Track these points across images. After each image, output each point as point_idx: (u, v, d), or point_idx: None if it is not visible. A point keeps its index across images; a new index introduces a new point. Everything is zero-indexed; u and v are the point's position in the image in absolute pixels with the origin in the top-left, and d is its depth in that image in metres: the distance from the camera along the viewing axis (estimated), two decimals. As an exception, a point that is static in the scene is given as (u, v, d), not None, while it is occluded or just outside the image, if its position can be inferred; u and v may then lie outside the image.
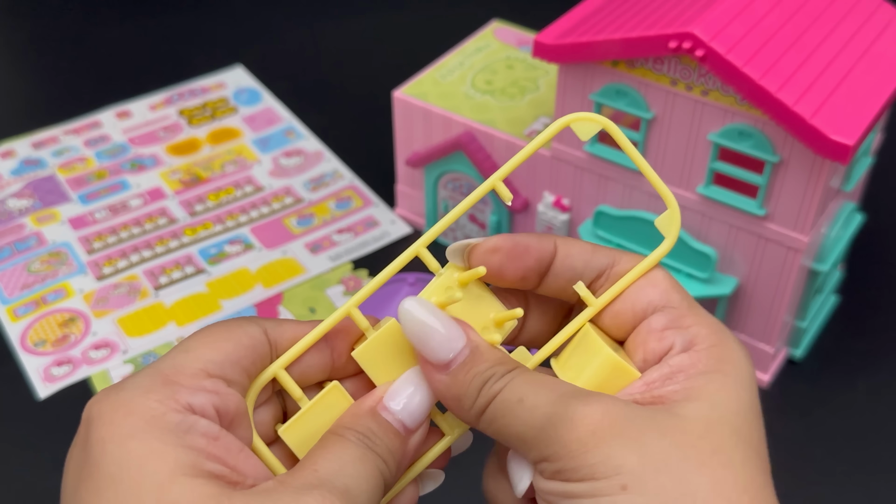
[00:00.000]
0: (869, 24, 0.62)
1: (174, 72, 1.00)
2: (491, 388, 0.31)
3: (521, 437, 0.30)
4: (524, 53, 0.79)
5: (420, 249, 0.33)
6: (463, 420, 0.32)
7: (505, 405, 0.30)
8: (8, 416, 0.65)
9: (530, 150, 0.32)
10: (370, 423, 0.31)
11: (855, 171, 0.63)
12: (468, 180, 0.74)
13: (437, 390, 0.31)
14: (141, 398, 0.28)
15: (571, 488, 0.28)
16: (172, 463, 0.27)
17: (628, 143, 0.32)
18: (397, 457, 0.31)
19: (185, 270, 0.76)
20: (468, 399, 0.31)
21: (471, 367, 0.31)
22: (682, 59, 0.57)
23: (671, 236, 0.33)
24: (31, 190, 0.85)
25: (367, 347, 0.33)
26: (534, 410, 0.30)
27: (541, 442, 0.29)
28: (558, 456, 0.29)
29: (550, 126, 0.32)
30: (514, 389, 0.30)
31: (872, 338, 0.71)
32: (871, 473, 0.62)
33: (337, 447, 0.31)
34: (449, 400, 0.31)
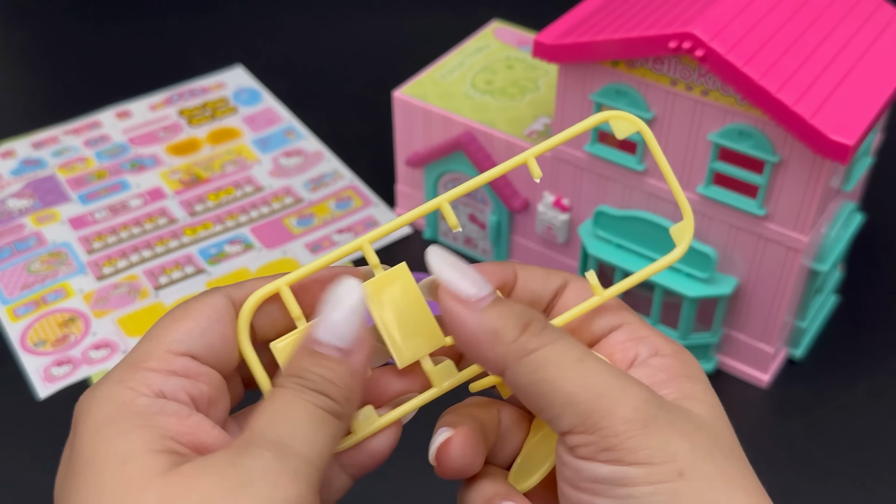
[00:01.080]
0: (869, 24, 0.62)
1: (174, 72, 1.00)
2: (542, 332, 0.29)
3: (573, 398, 0.28)
4: (524, 53, 0.79)
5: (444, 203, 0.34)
6: (493, 363, 0.30)
7: (563, 357, 0.29)
8: (8, 416, 0.65)
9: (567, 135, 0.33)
10: (302, 362, 0.30)
11: (855, 171, 0.63)
12: (468, 180, 0.74)
13: (469, 326, 0.30)
14: (113, 388, 0.29)
15: (625, 472, 0.27)
16: (137, 441, 0.28)
17: (658, 148, 0.34)
18: (342, 382, 0.30)
19: (185, 270, 0.76)
20: (508, 333, 0.29)
21: (505, 304, 0.30)
22: (682, 59, 0.57)
23: (683, 246, 0.34)
24: (31, 190, 0.85)
25: (374, 283, 0.33)
26: (597, 375, 0.28)
27: (594, 412, 0.28)
28: (614, 432, 0.27)
29: (590, 118, 0.33)
30: (574, 346, 0.29)
31: (872, 338, 0.71)
32: (871, 473, 0.62)
33: (272, 397, 0.30)
34: (483, 335, 0.29)
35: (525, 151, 0.33)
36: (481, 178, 0.33)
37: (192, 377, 0.30)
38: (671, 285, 0.63)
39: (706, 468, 0.28)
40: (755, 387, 0.67)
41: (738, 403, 0.66)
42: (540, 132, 0.70)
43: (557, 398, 0.28)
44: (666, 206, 0.64)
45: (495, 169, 0.33)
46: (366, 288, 0.32)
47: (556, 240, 0.71)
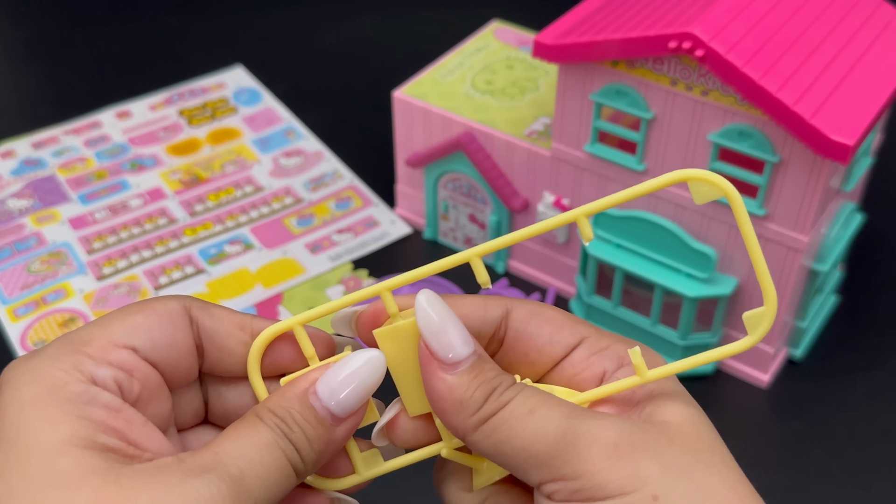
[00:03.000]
0: (869, 24, 0.62)
1: (174, 72, 1.00)
2: (501, 396, 0.29)
3: (530, 451, 0.28)
4: (524, 53, 0.79)
5: (473, 258, 0.31)
6: (454, 429, 0.30)
7: (514, 415, 0.29)
8: (8, 417, 0.65)
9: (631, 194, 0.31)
10: (293, 408, 0.30)
11: (855, 171, 0.63)
12: (468, 180, 0.74)
13: (437, 391, 0.30)
14: (47, 366, 0.28)
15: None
16: (66, 432, 0.26)
17: (748, 220, 0.29)
18: (318, 446, 0.30)
19: (185, 270, 0.76)
20: (472, 405, 0.29)
21: (478, 373, 0.30)
22: (682, 59, 0.57)
23: (756, 336, 0.30)
24: (31, 190, 0.85)
25: (391, 330, 0.31)
26: (547, 423, 0.28)
27: (555, 458, 0.28)
28: (578, 473, 0.27)
29: (664, 176, 0.29)
30: (525, 400, 0.29)
31: (872, 338, 0.71)
32: (871, 473, 0.62)
33: (248, 429, 0.29)
34: (448, 403, 0.29)
35: (574, 210, 0.31)
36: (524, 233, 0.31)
37: (126, 370, 0.29)
38: (671, 285, 0.63)
39: (681, 486, 0.27)
40: (755, 387, 0.67)
41: (738, 403, 0.66)
42: (540, 132, 0.70)
43: (518, 455, 0.28)
44: (666, 206, 0.64)
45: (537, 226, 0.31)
46: (383, 334, 0.32)
47: (556, 240, 0.71)
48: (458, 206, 0.76)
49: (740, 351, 0.30)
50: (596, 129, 0.64)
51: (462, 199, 0.75)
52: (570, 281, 0.73)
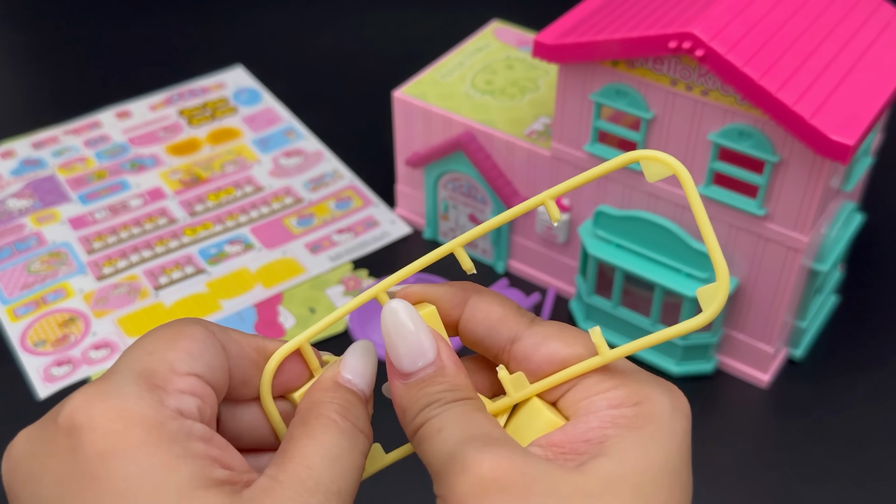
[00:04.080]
0: (869, 24, 0.62)
1: (174, 72, 1.00)
2: (430, 412, 0.31)
3: (431, 467, 0.30)
4: (524, 53, 0.79)
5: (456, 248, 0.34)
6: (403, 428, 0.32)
7: (428, 432, 0.30)
8: (8, 416, 0.65)
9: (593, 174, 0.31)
10: (346, 395, 0.32)
11: (855, 171, 0.63)
12: (468, 180, 0.74)
13: (392, 394, 0.32)
14: (135, 406, 0.27)
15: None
16: (186, 476, 0.26)
17: (697, 197, 0.29)
18: (364, 413, 0.32)
19: (185, 270, 0.76)
20: (410, 414, 0.31)
21: (424, 386, 0.31)
22: (682, 59, 0.57)
23: (711, 311, 0.29)
24: (31, 190, 0.85)
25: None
26: (442, 445, 0.29)
27: (439, 479, 0.29)
28: (446, 497, 0.28)
29: (619, 158, 0.30)
30: (443, 419, 0.30)
31: (872, 338, 0.71)
32: (870, 473, 0.62)
33: (323, 432, 0.30)
34: (396, 409, 0.32)
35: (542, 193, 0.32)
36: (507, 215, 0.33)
37: (199, 396, 0.29)
38: (671, 285, 0.63)
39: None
40: (755, 387, 0.67)
41: (738, 403, 0.66)
42: (540, 132, 0.70)
43: (428, 467, 0.30)
44: (666, 206, 0.64)
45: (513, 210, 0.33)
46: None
47: (555, 240, 0.71)
48: (458, 206, 0.76)
49: (695, 328, 0.29)
50: (596, 129, 0.64)
51: (462, 199, 0.75)
52: (570, 281, 0.73)
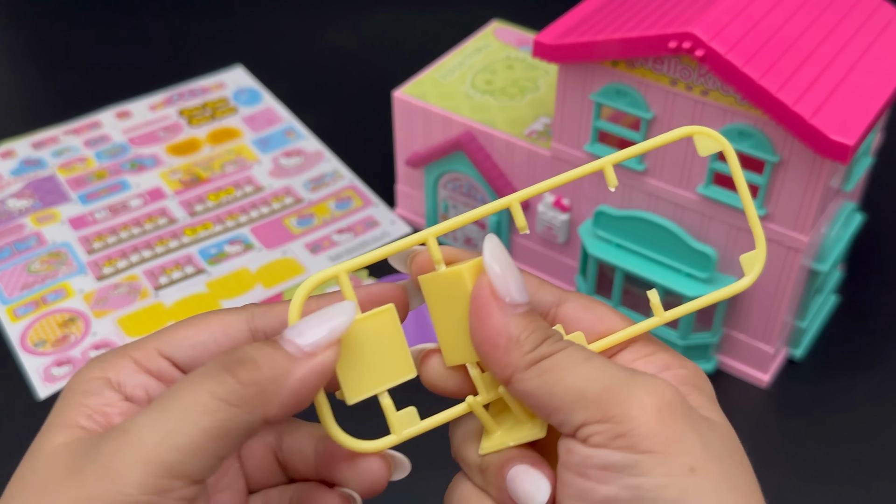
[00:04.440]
0: (869, 24, 0.62)
1: (174, 72, 1.00)
2: (556, 343, 0.29)
3: (582, 390, 0.28)
4: (524, 53, 0.79)
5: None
6: (502, 367, 0.29)
7: (570, 359, 0.29)
8: (8, 416, 0.65)
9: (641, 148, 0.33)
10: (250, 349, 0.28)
11: (855, 171, 0.63)
12: (468, 180, 0.74)
13: (493, 327, 0.29)
14: (93, 363, 0.31)
15: (636, 460, 0.27)
16: (56, 418, 0.30)
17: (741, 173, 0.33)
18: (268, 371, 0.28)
19: (185, 270, 0.76)
20: (528, 343, 0.29)
21: (534, 320, 0.30)
22: (682, 59, 0.57)
23: (753, 275, 0.33)
24: (31, 190, 0.85)
25: (435, 277, 0.32)
26: (603, 369, 0.28)
27: (608, 400, 0.27)
28: (628, 418, 0.27)
29: (675, 132, 0.32)
30: (581, 349, 0.29)
31: (872, 338, 0.71)
32: (870, 473, 0.62)
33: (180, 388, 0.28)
34: (504, 339, 0.29)
35: (601, 159, 0.32)
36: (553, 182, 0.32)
37: (163, 381, 0.31)
38: (671, 285, 0.63)
39: (715, 469, 0.27)
40: (755, 387, 0.67)
41: (738, 403, 0.66)
42: (540, 132, 0.70)
43: (567, 394, 0.28)
44: (666, 206, 0.64)
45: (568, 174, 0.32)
46: (427, 280, 0.32)
47: (556, 240, 0.71)
48: (458, 206, 0.76)
49: (741, 290, 0.32)
50: (596, 129, 0.64)
51: (462, 199, 0.75)
52: (570, 281, 0.73)
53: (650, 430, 0.27)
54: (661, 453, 0.27)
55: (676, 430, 0.27)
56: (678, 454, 0.27)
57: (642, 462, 0.27)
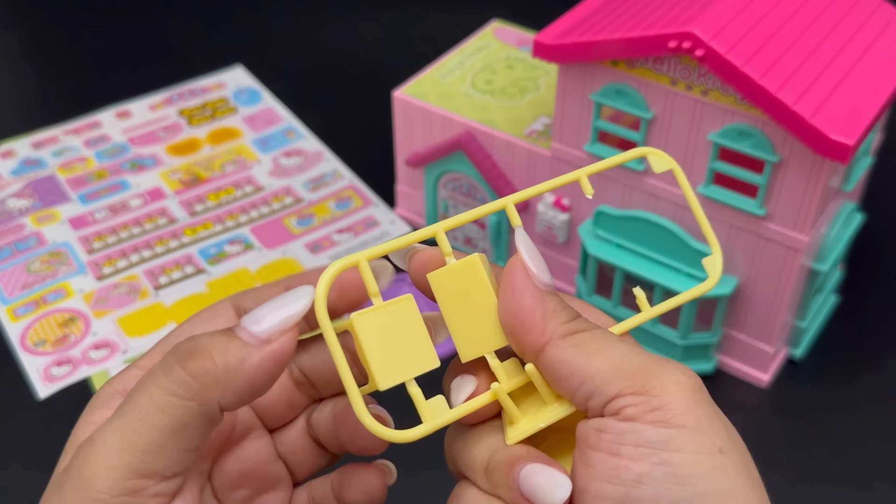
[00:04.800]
0: (869, 24, 0.62)
1: (174, 72, 1.00)
2: (588, 321, 0.30)
3: (619, 364, 0.28)
4: (524, 53, 0.79)
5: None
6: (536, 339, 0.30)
7: (605, 336, 0.30)
8: (8, 416, 0.65)
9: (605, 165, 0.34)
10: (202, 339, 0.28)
11: (855, 170, 0.63)
12: (468, 180, 0.74)
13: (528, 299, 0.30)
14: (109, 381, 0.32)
15: (671, 434, 0.27)
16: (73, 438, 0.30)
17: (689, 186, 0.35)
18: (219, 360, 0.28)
19: (185, 270, 0.76)
20: (563, 315, 0.30)
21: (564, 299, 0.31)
22: (681, 59, 0.57)
23: (714, 277, 0.34)
24: (31, 190, 0.85)
25: (444, 272, 0.32)
26: (638, 349, 0.29)
27: (645, 374, 0.28)
28: (665, 392, 0.27)
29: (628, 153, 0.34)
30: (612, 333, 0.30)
31: (872, 338, 0.71)
32: (871, 473, 0.62)
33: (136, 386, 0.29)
34: (540, 310, 0.30)
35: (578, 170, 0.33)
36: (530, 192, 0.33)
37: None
38: (671, 285, 0.63)
39: (739, 455, 0.28)
40: (755, 387, 0.67)
41: (738, 403, 0.66)
42: (540, 132, 0.70)
43: (604, 364, 0.29)
44: (666, 206, 0.64)
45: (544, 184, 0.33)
46: (436, 277, 0.32)
47: (556, 240, 0.71)
48: (458, 206, 0.76)
49: (704, 292, 0.34)
50: (596, 128, 0.64)
51: (462, 199, 0.75)
52: (570, 280, 0.73)
53: (685, 407, 0.27)
54: (695, 430, 0.27)
55: (708, 412, 0.28)
56: (709, 433, 0.27)
57: (676, 437, 0.27)
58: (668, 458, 0.27)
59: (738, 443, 0.29)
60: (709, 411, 0.28)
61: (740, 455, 0.28)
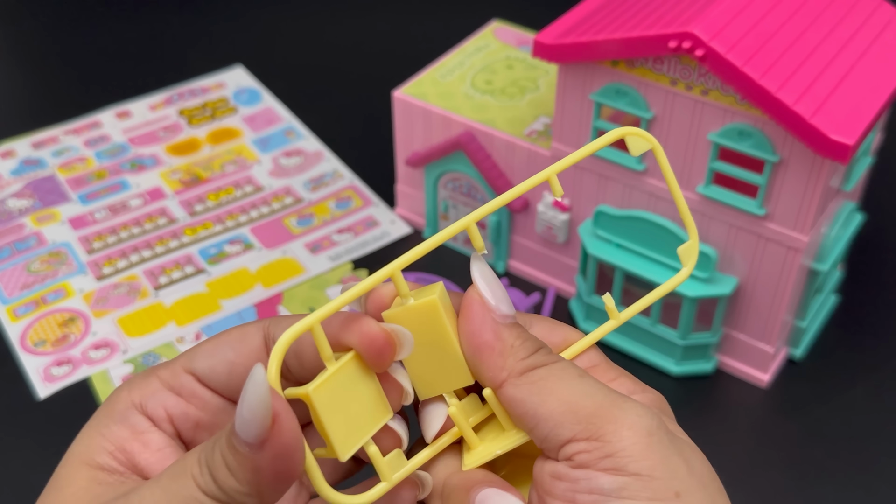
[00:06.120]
0: (869, 24, 0.62)
1: (174, 72, 1.00)
2: (549, 354, 0.30)
3: (574, 405, 0.28)
4: (524, 53, 0.79)
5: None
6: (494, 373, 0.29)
7: (564, 372, 0.29)
8: (8, 416, 0.65)
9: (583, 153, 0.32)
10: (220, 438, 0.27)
11: (855, 170, 0.63)
12: (468, 180, 0.74)
13: (486, 333, 0.30)
14: (122, 386, 0.32)
15: (624, 482, 0.27)
16: (83, 446, 0.31)
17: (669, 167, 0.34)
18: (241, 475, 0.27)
19: (185, 270, 0.76)
20: (520, 351, 0.29)
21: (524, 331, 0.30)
22: (681, 59, 0.57)
23: (689, 265, 0.34)
24: (31, 190, 0.85)
25: (401, 312, 0.31)
26: (596, 387, 0.28)
27: (599, 417, 0.27)
28: (618, 438, 0.27)
29: (606, 136, 0.32)
30: (574, 366, 0.30)
31: (872, 338, 0.71)
32: (871, 473, 0.62)
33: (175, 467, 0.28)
34: (498, 344, 0.30)
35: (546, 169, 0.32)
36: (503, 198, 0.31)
37: (184, 396, 0.32)
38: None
39: (699, 495, 0.27)
40: (755, 387, 0.67)
41: (738, 403, 0.66)
42: (540, 132, 0.70)
43: (559, 406, 0.28)
44: (666, 206, 0.64)
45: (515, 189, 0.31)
46: (392, 317, 0.31)
47: (555, 240, 0.71)
48: (458, 206, 0.76)
49: (680, 283, 0.34)
50: (596, 129, 0.64)
51: (462, 199, 0.75)
52: (570, 281, 0.73)
53: (639, 453, 0.27)
54: (649, 477, 0.27)
55: (664, 455, 0.27)
56: (665, 478, 0.27)
57: (630, 485, 0.27)
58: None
59: (702, 480, 0.28)
60: (666, 453, 0.27)
61: (704, 493, 0.27)
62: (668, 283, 0.33)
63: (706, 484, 0.28)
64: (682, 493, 0.27)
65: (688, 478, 0.27)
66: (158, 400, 0.31)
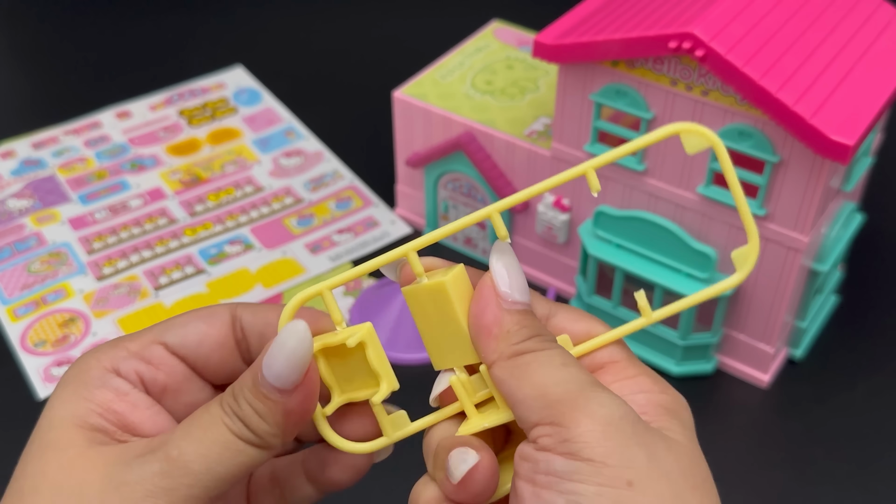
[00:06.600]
0: (869, 24, 0.62)
1: (174, 72, 1.00)
2: (543, 343, 0.31)
3: (544, 391, 0.29)
4: (524, 53, 0.79)
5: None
6: (487, 353, 0.31)
7: (547, 360, 0.30)
8: (8, 416, 0.65)
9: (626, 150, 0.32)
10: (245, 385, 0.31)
11: (855, 171, 0.63)
12: (468, 180, 0.74)
13: (488, 316, 0.31)
14: (88, 356, 0.33)
15: (576, 467, 0.28)
16: (69, 410, 0.31)
17: (732, 168, 0.32)
18: (272, 419, 0.31)
19: (185, 271, 0.76)
20: (514, 336, 0.31)
21: (529, 319, 0.31)
22: (682, 59, 0.57)
23: (744, 271, 0.32)
24: (31, 190, 0.85)
25: (416, 290, 0.33)
26: (571, 378, 0.29)
27: (563, 404, 0.29)
28: (575, 424, 0.28)
29: (658, 130, 0.31)
30: (562, 354, 0.31)
31: (872, 338, 0.71)
32: (871, 473, 0.62)
33: (202, 411, 0.31)
34: (495, 328, 0.31)
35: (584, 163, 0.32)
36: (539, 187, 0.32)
37: (153, 363, 0.33)
38: (671, 285, 0.63)
39: (659, 487, 0.28)
40: (755, 387, 0.67)
41: (738, 403, 0.66)
42: (540, 132, 0.70)
43: (532, 391, 0.30)
44: (666, 207, 0.64)
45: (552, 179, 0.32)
46: (409, 293, 0.33)
47: (556, 240, 0.71)
48: (458, 206, 0.76)
49: (733, 286, 0.32)
50: (596, 129, 0.64)
51: (462, 199, 0.75)
52: (570, 281, 0.73)
53: (594, 440, 0.28)
54: (601, 463, 0.28)
55: (619, 444, 0.28)
56: (617, 467, 0.28)
57: (581, 469, 0.28)
58: (571, 487, 0.28)
59: (665, 473, 0.28)
60: (626, 442, 0.28)
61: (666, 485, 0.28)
62: (718, 286, 0.33)
63: (673, 478, 0.28)
64: (636, 482, 0.27)
65: (646, 469, 0.28)
66: (130, 365, 0.33)
